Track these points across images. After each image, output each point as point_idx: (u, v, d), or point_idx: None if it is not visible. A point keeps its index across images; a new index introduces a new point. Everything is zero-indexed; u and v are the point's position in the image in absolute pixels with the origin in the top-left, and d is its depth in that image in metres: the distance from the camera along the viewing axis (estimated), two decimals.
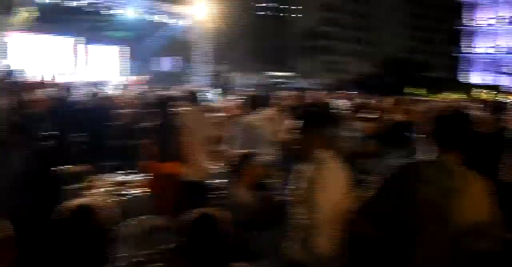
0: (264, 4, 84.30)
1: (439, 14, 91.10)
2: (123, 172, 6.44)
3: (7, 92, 7.44)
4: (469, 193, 2.61)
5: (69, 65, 25.45)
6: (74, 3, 22.31)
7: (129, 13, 24.17)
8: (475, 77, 64.82)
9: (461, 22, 69.34)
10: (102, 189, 5.66)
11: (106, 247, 2.32)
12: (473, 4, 66.56)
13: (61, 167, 6.30)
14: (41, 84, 9.20)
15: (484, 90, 47.28)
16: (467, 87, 52.58)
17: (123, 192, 5.56)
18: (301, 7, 79.16)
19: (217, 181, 6.23)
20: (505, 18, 63.02)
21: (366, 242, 2.94)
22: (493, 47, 63.91)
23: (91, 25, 27.39)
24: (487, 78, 59.85)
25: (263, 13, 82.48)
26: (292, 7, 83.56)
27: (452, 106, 2.82)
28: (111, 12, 23.79)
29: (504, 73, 57.72)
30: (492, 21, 64.42)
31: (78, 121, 7.61)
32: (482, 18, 65.41)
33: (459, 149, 2.68)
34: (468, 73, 67.99)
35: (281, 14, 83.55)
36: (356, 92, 26.03)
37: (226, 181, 4.91)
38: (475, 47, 67.66)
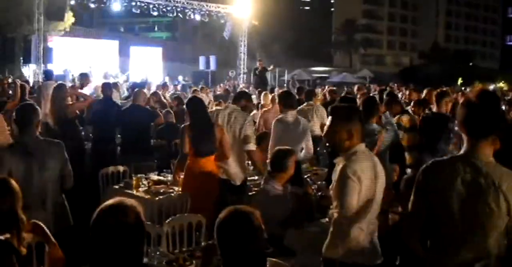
0: None
1: (489, 2, 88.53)
2: (161, 171, 6.53)
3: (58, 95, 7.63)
4: (501, 189, 2.52)
5: (114, 67, 25.99)
6: (118, 6, 22.72)
7: (169, 13, 24.46)
8: None
9: None
10: (141, 189, 5.74)
11: (143, 244, 2.37)
12: None
13: (102, 167, 6.49)
14: (82, 87, 9.37)
15: None
16: None
17: (161, 190, 5.62)
18: (342, 1, 78.40)
19: (255, 177, 6.27)
20: None
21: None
22: None
23: (133, 27, 27.90)
24: None
25: (304, 7, 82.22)
26: (331, 1, 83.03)
27: (483, 91, 2.63)
28: (154, 13, 24.13)
29: None
30: None
31: (118, 122, 7.75)
32: None
33: (490, 136, 2.58)
34: None
35: (322, 8, 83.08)
36: (402, 84, 25.66)
37: (264, 178, 4.89)
38: None
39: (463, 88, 29.72)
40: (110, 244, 2.23)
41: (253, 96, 14.38)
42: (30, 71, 21.94)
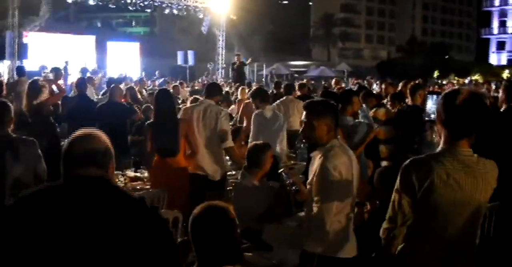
0: None
1: None
2: (138, 167, 6.49)
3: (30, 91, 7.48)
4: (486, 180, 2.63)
5: (92, 63, 25.70)
6: (94, 1, 22.46)
7: (147, 8, 24.27)
8: (504, 58, 64.10)
9: (491, 3, 68.30)
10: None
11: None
12: None
13: None
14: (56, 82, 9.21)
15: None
16: (496, 68, 51.76)
17: (138, 187, 5.59)
18: None
19: (233, 172, 6.27)
20: None
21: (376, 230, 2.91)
22: None
23: (110, 22, 27.62)
24: None
25: (282, 1, 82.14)
26: None
27: (470, 95, 2.63)
28: (130, 8, 23.91)
29: None
30: None
31: (94, 119, 7.66)
32: None
33: (470, 136, 2.61)
34: (498, 54, 67.13)
35: (300, 2, 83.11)
36: (377, 78, 25.85)
37: (240, 173, 4.89)
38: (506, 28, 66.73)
39: (438, 81, 30.04)
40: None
41: (231, 91, 14.38)
42: (4, 68, 21.59)
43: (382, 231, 2.84)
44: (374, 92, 10.61)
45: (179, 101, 11.45)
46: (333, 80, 14.93)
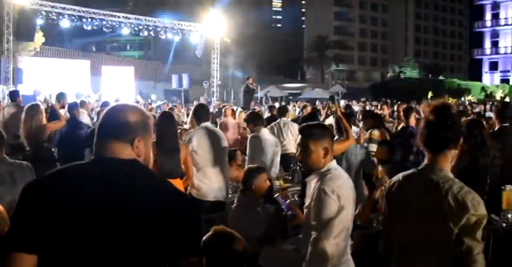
0: (278, 16, 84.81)
1: (456, 17, 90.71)
2: None
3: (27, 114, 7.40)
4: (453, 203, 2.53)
5: (86, 87, 25.73)
6: (89, 26, 22.59)
7: (142, 32, 24.41)
8: (497, 78, 64.77)
9: (483, 24, 69.23)
10: None
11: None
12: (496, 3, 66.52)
13: None
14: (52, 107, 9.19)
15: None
16: (488, 88, 52.19)
17: None
18: (313, 18, 79.38)
19: (229, 196, 6.23)
20: None
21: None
22: None
23: (106, 46, 27.76)
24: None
25: (276, 24, 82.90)
26: (302, 18, 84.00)
27: (435, 107, 2.67)
28: (124, 32, 24.06)
29: None
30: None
31: (86, 143, 7.60)
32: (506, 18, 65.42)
33: (446, 151, 2.62)
34: (491, 74, 67.80)
35: (294, 25, 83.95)
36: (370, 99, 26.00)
37: (237, 196, 4.87)
38: (498, 48, 67.57)
39: (431, 101, 30.26)
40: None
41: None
42: None
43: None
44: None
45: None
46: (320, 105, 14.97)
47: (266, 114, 13.08)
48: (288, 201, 4.06)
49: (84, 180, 1.94)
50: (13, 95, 9.99)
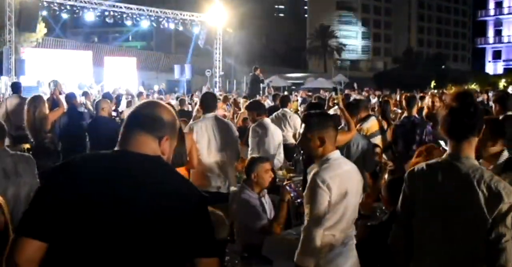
0: (280, 6, 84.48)
1: (459, 6, 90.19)
2: None
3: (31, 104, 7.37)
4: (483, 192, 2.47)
5: (89, 78, 25.71)
6: (91, 16, 22.54)
7: (144, 23, 24.36)
8: (500, 67, 64.45)
9: (486, 13, 68.79)
10: None
11: None
12: None
13: None
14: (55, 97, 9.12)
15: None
16: (492, 77, 51.99)
17: None
18: (316, 7, 79.01)
19: (231, 187, 6.22)
20: None
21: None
22: None
23: (108, 37, 27.68)
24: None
25: (278, 14, 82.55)
26: (305, 7, 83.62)
27: (456, 94, 2.60)
28: (127, 23, 24.00)
29: None
30: None
31: (83, 134, 7.59)
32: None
33: (470, 137, 2.55)
34: (494, 63, 67.50)
35: (296, 14, 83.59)
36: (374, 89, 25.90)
37: (240, 186, 4.86)
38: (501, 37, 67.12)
39: (435, 91, 30.15)
40: None
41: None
42: (2, 84, 21.62)
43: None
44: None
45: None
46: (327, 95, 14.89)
47: (269, 103, 13.04)
48: (296, 189, 4.07)
49: (108, 172, 1.93)
50: (15, 86, 9.97)
